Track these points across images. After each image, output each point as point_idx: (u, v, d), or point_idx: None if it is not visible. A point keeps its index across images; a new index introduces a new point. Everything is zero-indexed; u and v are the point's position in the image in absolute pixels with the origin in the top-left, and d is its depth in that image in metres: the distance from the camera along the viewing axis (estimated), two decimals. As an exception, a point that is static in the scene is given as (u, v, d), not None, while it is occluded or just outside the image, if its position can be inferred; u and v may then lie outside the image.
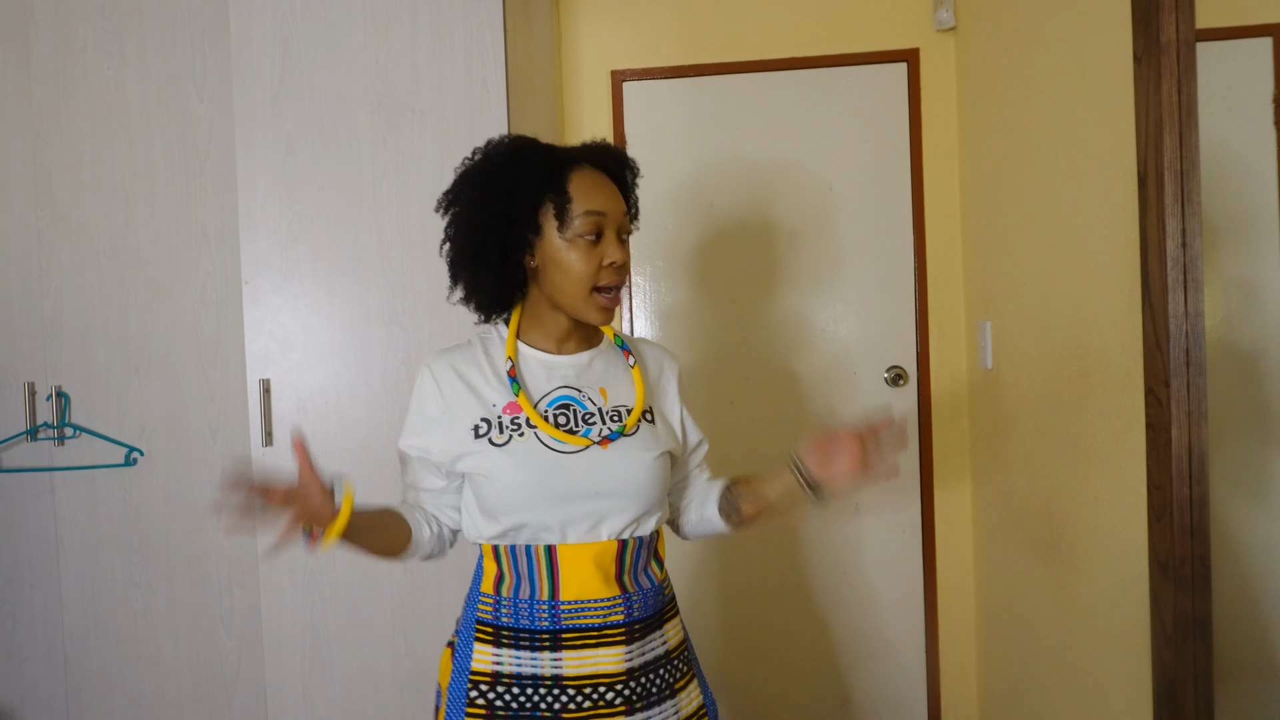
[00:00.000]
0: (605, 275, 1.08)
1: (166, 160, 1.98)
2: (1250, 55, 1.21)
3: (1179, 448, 1.18)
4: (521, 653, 1.08)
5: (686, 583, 2.36)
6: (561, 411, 1.10)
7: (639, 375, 1.16)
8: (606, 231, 1.08)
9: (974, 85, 2.12)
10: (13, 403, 2.00)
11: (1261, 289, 1.22)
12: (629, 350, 1.19)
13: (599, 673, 1.07)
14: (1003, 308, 1.94)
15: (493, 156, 1.11)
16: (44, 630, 2.02)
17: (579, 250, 1.07)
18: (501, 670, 1.08)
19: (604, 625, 1.08)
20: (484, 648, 1.10)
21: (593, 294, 1.09)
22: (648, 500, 1.10)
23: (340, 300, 1.77)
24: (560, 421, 1.09)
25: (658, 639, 1.13)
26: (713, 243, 2.34)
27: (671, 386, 1.22)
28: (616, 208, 1.10)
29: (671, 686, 1.13)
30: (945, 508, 2.31)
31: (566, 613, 1.07)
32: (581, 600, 1.08)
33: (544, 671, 1.07)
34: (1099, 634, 1.50)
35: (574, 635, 1.07)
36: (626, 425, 1.10)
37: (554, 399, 1.11)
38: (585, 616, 1.08)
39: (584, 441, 1.08)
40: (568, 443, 1.07)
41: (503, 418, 1.09)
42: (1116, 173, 1.35)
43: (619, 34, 2.36)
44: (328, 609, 1.78)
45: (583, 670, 1.07)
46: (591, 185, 1.09)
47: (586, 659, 1.07)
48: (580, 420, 1.10)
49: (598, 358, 1.17)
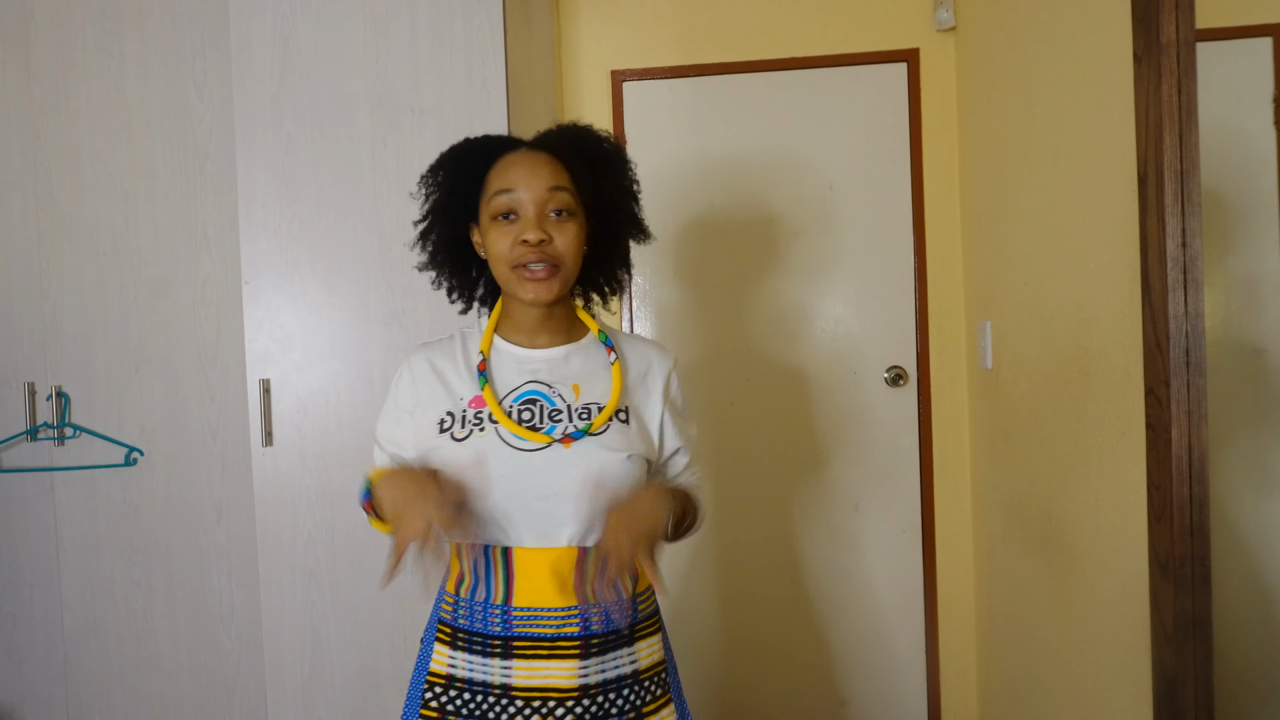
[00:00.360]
0: (519, 252, 1.04)
1: (166, 160, 1.98)
2: (1250, 55, 1.21)
3: (1179, 448, 1.18)
4: (474, 657, 1.04)
5: (686, 583, 2.36)
6: (527, 407, 1.06)
7: (618, 372, 1.10)
8: (523, 210, 1.04)
9: (974, 85, 2.12)
10: (13, 403, 2.00)
11: (1261, 289, 1.22)
12: (612, 346, 1.13)
13: (550, 686, 1.02)
14: (1003, 308, 1.94)
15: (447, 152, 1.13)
16: (44, 630, 2.02)
17: (495, 230, 1.06)
18: (455, 673, 1.05)
19: (557, 636, 1.03)
20: (442, 648, 1.07)
21: (514, 272, 1.05)
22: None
23: (340, 300, 1.77)
24: (524, 418, 1.05)
25: (624, 657, 1.07)
26: (713, 242, 2.34)
27: (656, 387, 1.14)
28: (536, 184, 1.04)
29: (638, 710, 1.06)
30: (945, 508, 2.31)
31: (519, 620, 1.03)
32: (535, 608, 1.03)
33: (494, 679, 1.03)
34: (1099, 634, 1.50)
35: (525, 644, 1.03)
36: (593, 424, 1.05)
37: (521, 394, 1.07)
38: (538, 625, 1.03)
39: (545, 439, 1.03)
40: (528, 439, 1.03)
41: (467, 412, 1.06)
42: (1116, 173, 1.35)
43: (619, 34, 2.36)
44: (328, 609, 1.78)
45: (532, 682, 1.02)
46: (510, 165, 1.07)
47: (537, 670, 1.02)
48: (546, 417, 1.05)
49: (577, 353, 1.13)
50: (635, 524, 0.97)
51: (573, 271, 1.08)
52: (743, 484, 2.34)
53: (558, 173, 1.06)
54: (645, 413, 1.12)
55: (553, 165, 1.07)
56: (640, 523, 0.98)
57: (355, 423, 1.77)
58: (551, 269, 1.05)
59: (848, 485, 2.33)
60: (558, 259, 1.05)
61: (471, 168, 1.10)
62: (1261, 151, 1.18)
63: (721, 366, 2.35)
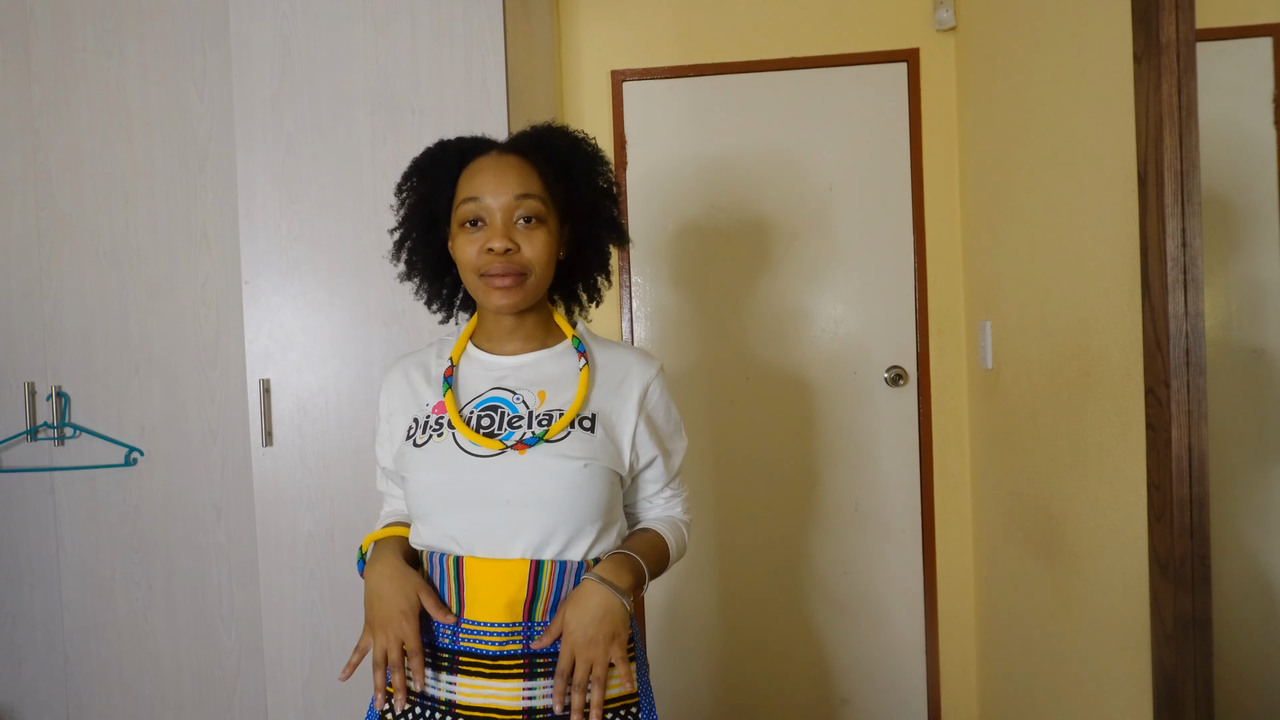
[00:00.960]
0: (485, 261, 1.01)
1: (166, 160, 1.98)
2: (1250, 55, 1.21)
3: (1179, 448, 1.18)
4: (428, 670, 1.01)
5: (685, 583, 2.36)
6: (488, 413, 1.04)
7: (584, 378, 1.06)
8: (490, 217, 1.02)
9: (974, 85, 2.12)
10: (13, 403, 2.00)
11: (1261, 289, 1.22)
12: (584, 352, 1.09)
13: (492, 707, 0.98)
14: (1003, 308, 1.94)
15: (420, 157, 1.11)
16: (44, 630, 2.02)
17: (463, 237, 1.04)
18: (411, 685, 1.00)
19: (499, 654, 0.99)
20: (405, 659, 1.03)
21: (481, 280, 1.03)
22: (569, 516, 1.00)
23: (340, 300, 1.77)
24: (483, 424, 1.03)
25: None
26: (713, 242, 2.34)
27: (632, 396, 1.08)
28: (503, 192, 1.01)
29: None
30: (945, 508, 2.31)
31: (466, 634, 1.00)
32: (483, 622, 0.99)
33: (440, 694, 1.00)
34: (1099, 634, 1.50)
35: (470, 660, 0.99)
36: (550, 431, 1.01)
37: (483, 400, 1.05)
38: (483, 641, 0.99)
39: (499, 445, 1.00)
40: (482, 446, 1.00)
41: (430, 417, 1.06)
42: (1116, 173, 1.35)
43: (619, 34, 2.36)
44: (328, 609, 1.78)
45: (475, 701, 0.99)
46: (479, 171, 1.04)
47: (480, 689, 0.99)
48: (505, 423, 1.03)
49: (548, 360, 1.09)
50: (588, 626, 0.96)
51: (542, 279, 1.05)
52: (743, 483, 2.34)
53: (527, 178, 1.03)
54: (616, 421, 1.07)
55: (522, 170, 1.03)
56: (600, 625, 0.96)
57: (355, 423, 1.77)
58: (518, 277, 1.02)
59: (848, 485, 2.33)
60: (525, 267, 1.02)
61: (445, 173, 1.08)
62: (1261, 151, 1.18)
63: (721, 367, 2.35)
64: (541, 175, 1.04)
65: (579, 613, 0.97)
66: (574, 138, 1.09)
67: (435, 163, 1.09)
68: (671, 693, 2.34)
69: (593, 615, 0.96)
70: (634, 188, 2.34)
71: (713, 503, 2.35)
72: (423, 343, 1.76)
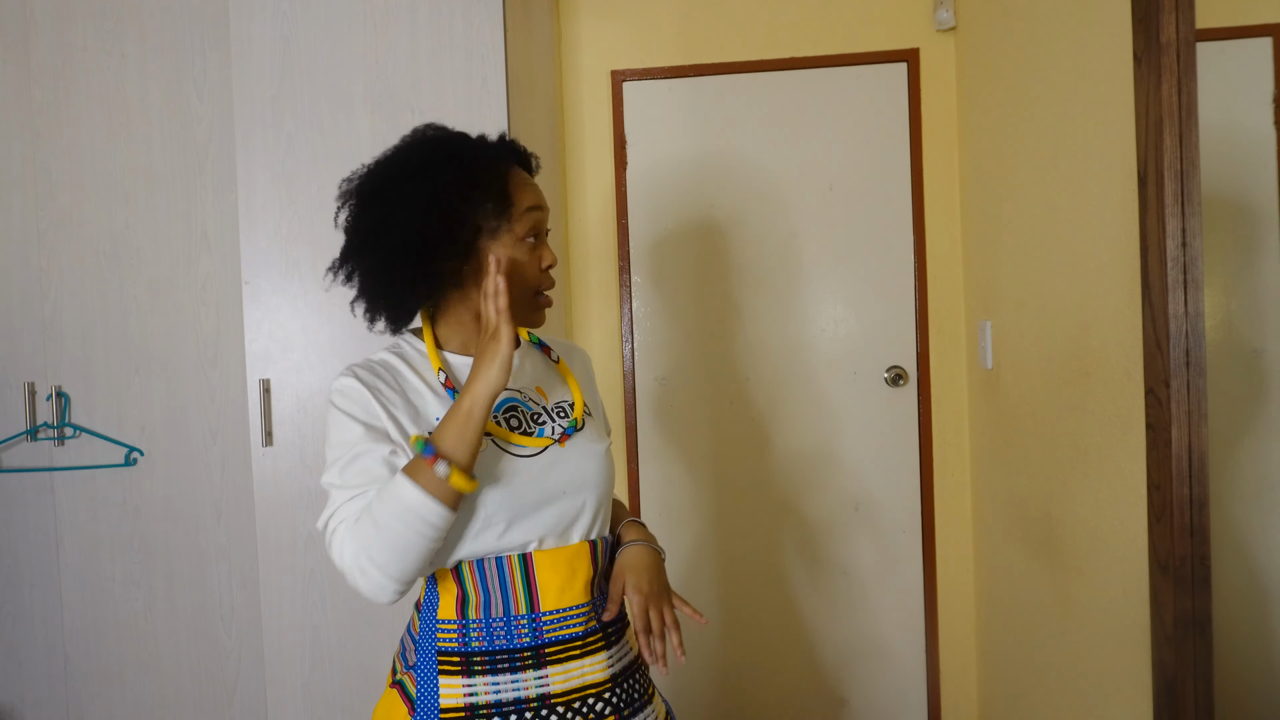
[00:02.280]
0: (544, 278, 1.05)
1: (166, 160, 1.98)
2: (1250, 55, 1.21)
3: (1179, 448, 1.18)
4: (500, 677, 0.99)
5: (685, 582, 2.36)
6: (511, 415, 1.05)
7: (565, 370, 1.15)
8: (544, 233, 1.06)
9: (974, 85, 2.12)
10: (13, 403, 2.00)
11: (1261, 289, 1.22)
12: (547, 347, 1.16)
13: (586, 684, 1.03)
14: (1003, 308, 1.94)
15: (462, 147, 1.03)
16: (44, 630, 2.02)
17: (524, 250, 1.02)
18: (477, 701, 0.99)
19: (586, 633, 1.03)
20: (452, 680, 0.99)
21: (535, 298, 1.05)
22: (606, 494, 1.08)
23: (340, 300, 1.77)
24: (513, 425, 1.04)
25: (628, 646, 1.10)
26: (712, 242, 2.34)
27: (591, 377, 1.21)
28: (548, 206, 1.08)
29: (646, 692, 1.10)
30: (945, 508, 2.31)
31: (549, 625, 1.01)
32: (562, 609, 1.02)
33: (528, 693, 1.00)
34: (1099, 634, 1.50)
35: (558, 648, 1.02)
36: (576, 419, 1.08)
37: (499, 404, 1.05)
38: (568, 626, 1.02)
39: (542, 441, 1.03)
40: (527, 445, 1.02)
41: None
42: (1116, 173, 1.35)
43: (619, 34, 2.36)
44: (328, 609, 1.78)
45: (570, 684, 1.02)
46: (527, 184, 1.05)
47: (573, 671, 1.02)
48: (531, 421, 1.06)
49: (525, 358, 1.12)
50: (652, 582, 1.06)
51: None
52: (743, 483, 2.34)
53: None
54: (592, 402, 1.17)
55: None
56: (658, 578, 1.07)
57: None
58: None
59: (847, 485, 2.33)
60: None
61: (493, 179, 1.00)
62: (1261, 151, 1.18)
63: (721, 366, 2.35)
64: None
65: (639, 573, 1.06)
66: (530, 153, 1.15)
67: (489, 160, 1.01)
68: (671, 692, 2.34)
69: (651, 573, 1.07)
70: (634, 187, 2.34)
71: (712, 502, 2.35)
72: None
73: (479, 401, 0.91)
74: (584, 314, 2.38)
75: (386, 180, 1.01)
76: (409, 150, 1.03)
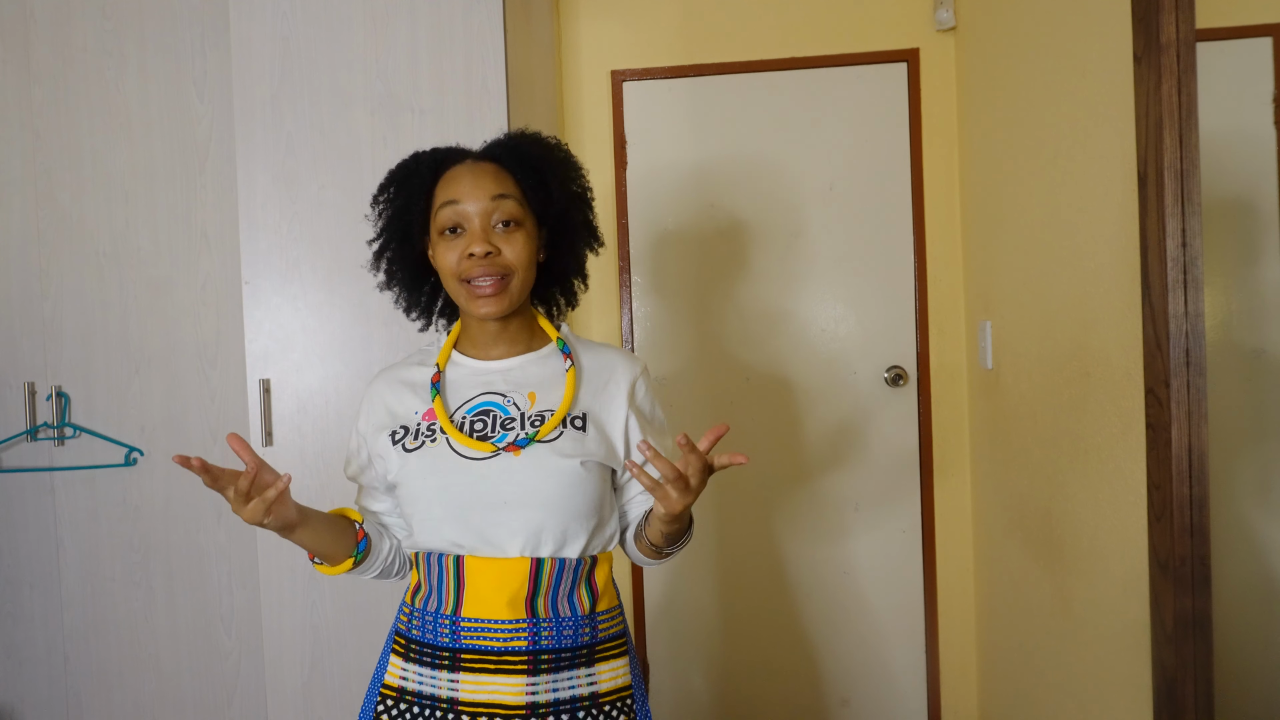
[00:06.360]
0: (466, 267, 1.03)
1: (166, 160, 1.98)
2: (1250, 55, 1.21)
3: (1179, 448, 1.18)
4: (424, 669, 1.03)
5: (684, 583, 2.36)
6: (480, 418, 1.05)
7: (571, 378, 1.07)
8: (468, 222, 1.03)
9: (974, 85, 2.12)
10: (13, 403, 2.00)
11: (1261, 288, 1.22)
12: (569, 353, 1.10)
13: (496, 702, 1.00)
14: (1003, 308, 1.94)
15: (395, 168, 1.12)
16: (44, 630, 2.02)
17: (443, 244, 1.05)
18: (406, 685, 1.04)
19: (504, 650, 1.01)
20: (396, 660, 1.07)
21: (463, 286, 1.04)
22: (565, 513, 1.02)
23: (340, 300, 1.77)
24: (476, 428, 1.04)
25: (581, 678, 1.04)
26: (712, 242, 2.34)
27: (620, 393, 1.09)
28: (480, 195, 1.03)
29: None
30: (945, 508, 2.31)
31: (467, 631, 1.01)
32: (483, 619, 1.01)
33: (440, 692, 1.02)
34: (1099, 634, 1.50)
35: (473, 657, 1.01)
36: (542, 430, 1.02)
37: (475, 405, 1.07)
38: (486, 638, 1.01)
39: (492, 448, 1.02)
40: (477, 449, 1.02)
41: (420, 424, 1.07)
42: (1116, 173, 1.35)
43: (619, 34, 2.36)
44: (328, 609, 1.78)
45: (479, 697, 1.00)
46: (456, 178, 1.05)
47: (484, 685, 1.00)
48: (499, 426, 1.04)
49: (535, 362, 1.11)
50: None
51: (525, 282, 1.06)
52: (743, 484, 2.34)
53: (502, 182, 1.05)
54: (607, 419, 1.08)
55: (497, 175, 1.05)
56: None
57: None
58: (500, 282, 1.03)
59: (848, 485, 2.33)
60: (507, 270, 1.04)
61: (419, 183, 1.08)
62: (1261, 151, 1.18)
63: (721, 366, 2.35)
64: (516, 179, 1.07)
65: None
66: (546, 144, 1.11)
67: (409, 173, 1.10)
68: (671, 693, 2.35)
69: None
70: (634, 187, 2.34)
71: (712, 502, 2.35)
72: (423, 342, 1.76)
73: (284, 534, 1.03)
74: (584, 314, 2.38)
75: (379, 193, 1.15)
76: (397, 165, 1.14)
